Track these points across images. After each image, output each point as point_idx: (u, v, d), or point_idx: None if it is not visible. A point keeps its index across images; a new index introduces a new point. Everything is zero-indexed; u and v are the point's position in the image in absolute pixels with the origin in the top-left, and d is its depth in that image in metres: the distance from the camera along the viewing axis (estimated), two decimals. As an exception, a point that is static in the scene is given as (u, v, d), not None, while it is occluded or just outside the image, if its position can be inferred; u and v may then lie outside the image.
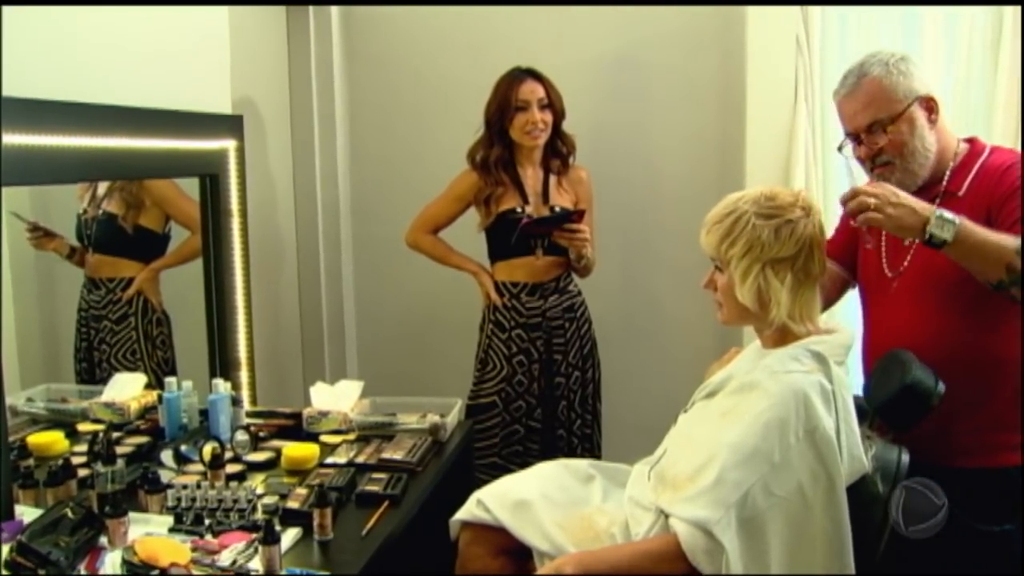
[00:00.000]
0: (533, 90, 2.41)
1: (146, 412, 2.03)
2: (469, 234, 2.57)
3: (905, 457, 1.51)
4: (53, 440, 1.83)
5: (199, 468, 1.79)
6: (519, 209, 2.45)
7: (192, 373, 2.10)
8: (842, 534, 1.36)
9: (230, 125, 2.24)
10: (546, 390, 2.49)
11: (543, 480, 1.68)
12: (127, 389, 2.03)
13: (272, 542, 1.36)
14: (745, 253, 1.44)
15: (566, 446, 2.51)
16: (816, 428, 1.36)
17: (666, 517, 1.42)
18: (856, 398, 1.52)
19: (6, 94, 1.47)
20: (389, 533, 1.56)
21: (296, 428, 2.09)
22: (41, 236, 1.95)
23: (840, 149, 1.74)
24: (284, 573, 1.37)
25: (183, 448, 1.86)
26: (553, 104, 2.44)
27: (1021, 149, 2.35)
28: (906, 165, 1.65)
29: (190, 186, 2.18)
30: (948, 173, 1.68)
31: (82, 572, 1.37)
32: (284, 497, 1.63)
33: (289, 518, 1.56)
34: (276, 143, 2.88)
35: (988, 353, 1.62)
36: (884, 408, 1.55)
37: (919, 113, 1.64)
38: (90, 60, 1.78)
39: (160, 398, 2.00)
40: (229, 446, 1.89)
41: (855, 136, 1.69)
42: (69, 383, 2.04)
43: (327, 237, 3.05)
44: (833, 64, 2.56)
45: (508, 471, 2.15)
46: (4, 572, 1.29)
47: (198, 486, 1.60)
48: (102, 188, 2.05)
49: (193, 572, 1.36)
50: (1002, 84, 2.41)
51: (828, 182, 2.62)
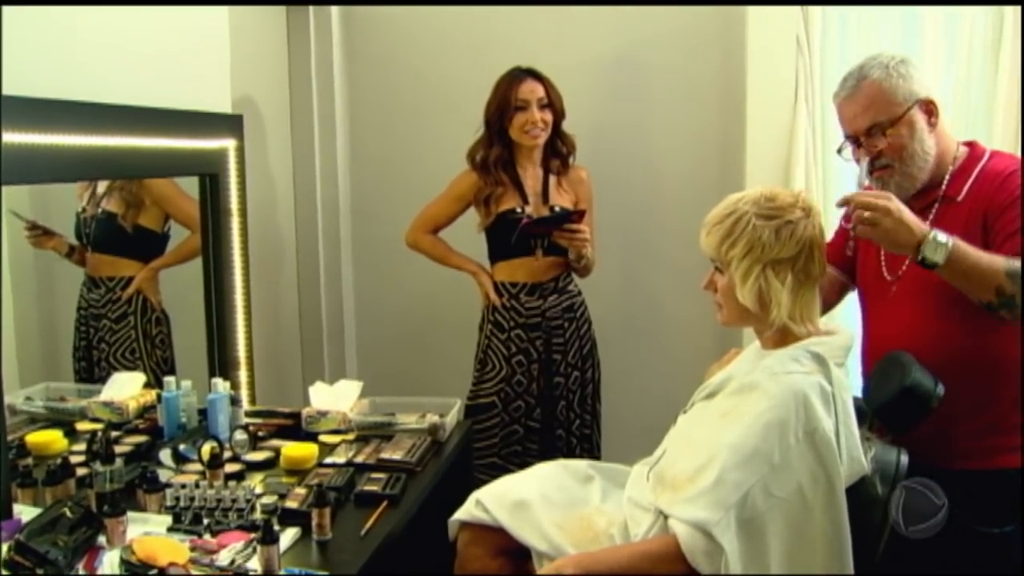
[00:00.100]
0: (533, 90, 2.41)
1: (145, 411, 2.03)
2: (469, 234, 2.57)
3: (904, 458, 1.51)
4: (52, 439, 1.83)
5: (198, 467, 1.79)
6: (519, 209, 2.45)
7: (191, 372, 2.11)
8: (841, 535, 1.36)
9: (230, 124, 2.24)
10: (545, 390, 2.49)
11: (542, 480, 1.68)
12: (126, 388, 2.02)
13: (271, 542, 1.36)
14: (746, 254, 1.44)
15: (565, 446, 2.50)
16: (816, 429, 1.36)
17: (665, 518, 1.42)
18: (855, 400, 1.52)
19: (6, 93, 1.46)
20: (388, 533, 1.56)
21: (295, 428, 2.09)
22: (40, 234, 1.95)
23: (840, 152, 1.73)
24: (283, 573, 1.37)
25: (182, 447, 1.86)
26: (553, 104, 2.43)
27: (1021, 150, 2.35)
28: (905, 168, 1.64)
29: (190, 185, 2.18)
30: (947, 177, 1.67)
31: (80, 571, 1.37)
32: (283, 497, 1.63)
33: (288, 518, 1.56)
34: (276, 143, 2.88)
35: (987, 355, 1.62)
36: (883, 410, 1.55)
37: (919, 116, 1.64)
38: (90, 59, 1.78)
39: (159, 397, 1.99)
40: (228, 445, 1.88)
41: (854, 139, 1.69)
42: (68, 382, 2.04)
43: (327, 237, 3.05)
44: (833, 64, 2.56)
45: (507, 471, 2.15)
46: (3, 571, 1.28)
47: (197, 485, 1.60)
48: (101, 187, 2.05)
49: (191, 572, 1.36)
50: (1002, 85, 2.40)
51: (828, 183, 2.62)
